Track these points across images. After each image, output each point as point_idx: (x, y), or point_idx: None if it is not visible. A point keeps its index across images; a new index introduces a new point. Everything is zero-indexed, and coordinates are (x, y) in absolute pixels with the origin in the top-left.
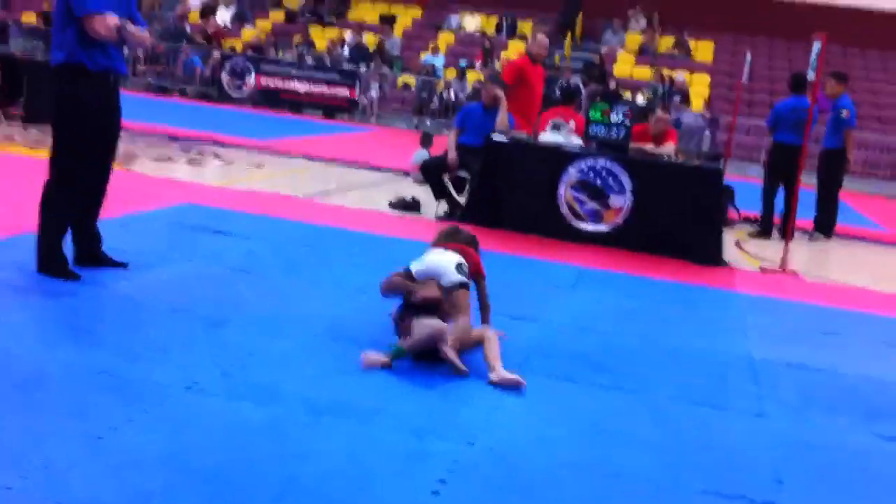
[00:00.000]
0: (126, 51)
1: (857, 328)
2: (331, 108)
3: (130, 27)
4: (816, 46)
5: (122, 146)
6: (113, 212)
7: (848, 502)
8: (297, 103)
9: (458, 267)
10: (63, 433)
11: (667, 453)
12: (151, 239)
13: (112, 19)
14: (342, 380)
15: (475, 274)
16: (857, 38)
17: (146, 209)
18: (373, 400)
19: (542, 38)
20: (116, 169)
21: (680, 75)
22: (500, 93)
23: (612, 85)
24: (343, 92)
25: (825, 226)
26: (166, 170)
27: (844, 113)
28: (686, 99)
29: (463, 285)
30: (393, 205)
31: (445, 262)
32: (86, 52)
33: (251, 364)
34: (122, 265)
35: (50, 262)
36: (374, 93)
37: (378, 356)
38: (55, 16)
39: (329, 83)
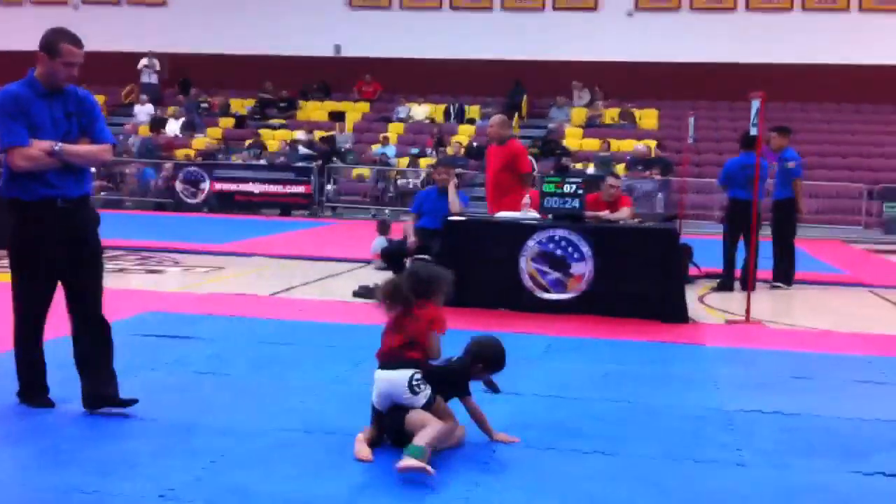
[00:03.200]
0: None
1: (826, 370)
2: (287, 206)
3: (70, 148)
4: (755, 104)
5: None
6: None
7: None
8: (252, 204)
9: (411, 385)
10: None
11: None
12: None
13: (35, 149)
14: (319, 474)
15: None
16: (796, 92)
17: None
18: (352, 492)
19: (493, 118)
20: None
21: (642, 146)
22: (449, 176)
23: (567, 162)
24: (298, 189)
25: (785, 274)
26: (124, 281)
27: (790, 164)
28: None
29: (428, 403)
30: (357, 293)
31: (395, 386)
32: (17, 185)
33: (224, 467)
34: (131, 403)
35: (26, 392)
36: (329, 187)
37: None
38: None
39: (284, 182)
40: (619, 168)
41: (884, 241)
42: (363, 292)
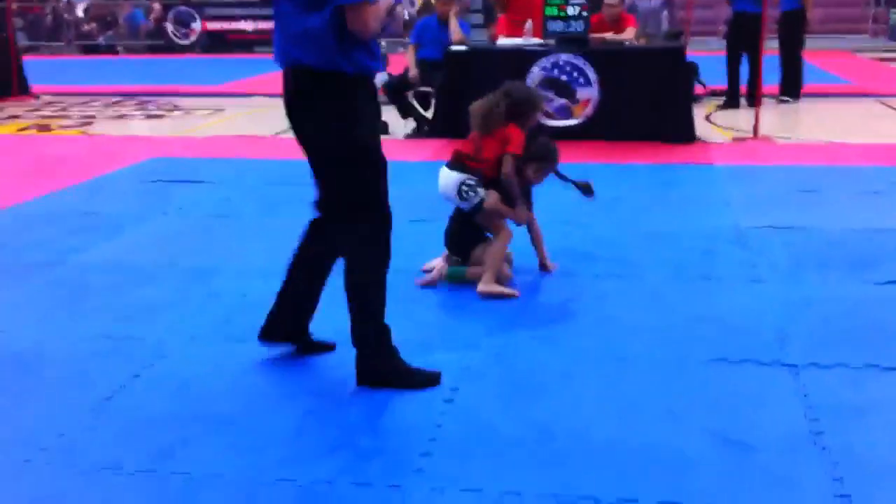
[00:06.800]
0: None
1: (835, 182)
2: None
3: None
4: None
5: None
6: (79, 177)
7: (851, 349)
8: (246, 43)
9: (462, 191)
10: (71, 401)
11: (670, 331)
12: (123, 198)
13: (382, 7)
14: (341, 310)
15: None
16: None
17: (112, 169)
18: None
19: None
20: (80, 135)
21: None
22: (449, 5)
23: None
24: None
25: (792, 88)
26: (126, 128)
27: None
28: None
29: (476, 209)
30: None
31: (448, 186)
32: (344, 55)
33: (248, 307)
34: (331, 347)
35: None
36: None
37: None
38: None
39: None
40: None
41: (891, 49)
42: None
